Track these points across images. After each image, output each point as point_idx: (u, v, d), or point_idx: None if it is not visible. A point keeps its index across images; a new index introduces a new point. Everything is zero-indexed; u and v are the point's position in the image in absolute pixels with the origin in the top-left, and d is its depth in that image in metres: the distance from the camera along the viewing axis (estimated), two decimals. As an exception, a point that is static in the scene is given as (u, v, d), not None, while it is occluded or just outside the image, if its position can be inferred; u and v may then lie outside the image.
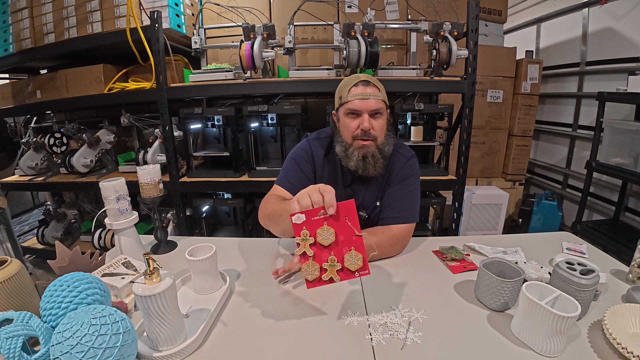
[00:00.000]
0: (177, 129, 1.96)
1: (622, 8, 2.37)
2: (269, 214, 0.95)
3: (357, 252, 0.71)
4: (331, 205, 0.69)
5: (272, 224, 0.95)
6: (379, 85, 1.02)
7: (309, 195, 0.71)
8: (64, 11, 1.89)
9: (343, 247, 0.71)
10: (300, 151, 1.12)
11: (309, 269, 0.70)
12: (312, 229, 0.70)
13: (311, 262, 0.70)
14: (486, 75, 2.54)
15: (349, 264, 0.70)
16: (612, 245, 2.03)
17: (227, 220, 2.46)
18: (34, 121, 2.58)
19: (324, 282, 0.71)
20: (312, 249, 0.70)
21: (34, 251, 2.58)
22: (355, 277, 0.71)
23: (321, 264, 0.71)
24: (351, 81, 1.01)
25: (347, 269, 0.71)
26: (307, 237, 0.70)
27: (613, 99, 2.12)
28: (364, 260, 0.71)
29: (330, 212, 0.69)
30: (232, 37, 2.16)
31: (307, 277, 0.70)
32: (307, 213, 0.70)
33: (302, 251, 0.70)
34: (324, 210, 0.70)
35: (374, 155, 1.01)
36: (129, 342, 0.55)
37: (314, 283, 0.71)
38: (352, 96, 0.99)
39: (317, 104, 2.40)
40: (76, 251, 0.85)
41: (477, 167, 2.74)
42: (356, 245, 0.71)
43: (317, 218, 0.70)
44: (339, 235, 0.71)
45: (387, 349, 0.65)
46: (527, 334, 0.65)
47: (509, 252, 1.01)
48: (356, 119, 1.00)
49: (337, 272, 0.71)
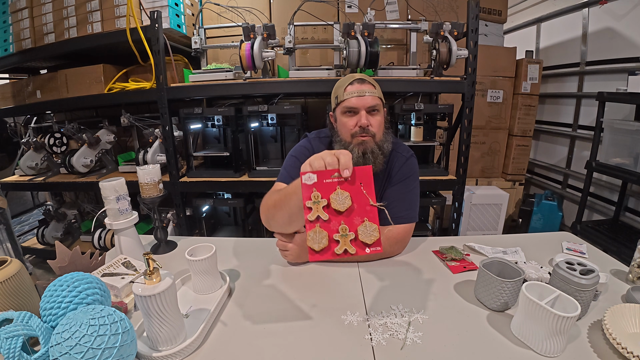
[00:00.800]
0: (177, 129, 1.96)
1: (622, 8, 2.37)
2: (273, 202, 0.90)
3: (371, 223, 0.63)
4: (347, 167, 0.63)
5: (277, 211, 0.88)
6: (374, 83, 1.02)
7: (323, 158, 0.66)
8: (64, 11, 1.89)
9: (355, 216, 0.63)
10: (302, 149, 1.12)
11: (316, 236, 0.62)
12: (325, 192, 0.63)
13: (318, 229, 0.62)
14: (486, 75, 2.54)
15: (363, 236, 0.62)
16: (612, 245, 2.03)
17: (227, 220, 2.46)
18: (34, 121, 2.58)
19: (336, 255, 0.62)
20: (325, 212, 0.62)
21: (34, 251, 2.57)
22: (366, 253, 0.63)
23: (331, 234, 0.62)
24: (346, 80, 1.02)
25: (361, 242, 0.63)
26: (319, 199, 0.62)
27: (613, 99, 2.11)
28: (379, 232, 0.63)
29: (346, 174, 0.62)
30: (232, 37, 2.16)
31: (313, 246, 0.62)
32: (319, 174, 0.63)
33: (315, 216, 0.62)
34: (338, 173, 0.63)
35: (373, 152, 1.01)
36: (128, 342, 0.55)
37: (321, 254, 0.62)
38: (348, 94, 0.99)
39: (317, 104, 2.40)
40: (76, 251, 0.85)
41: (477, 167, 2.74)
42: (369, 215, 0.63)
43: (330, 181, 0.63)
44: (354, 203, 0.63)
45: (387, 349, 0.65)
46: (527, 334, 0.65)
47: (509, 252, 1.01)
48: (353, 116, 1.00)
49: (350, 243, 0.62)
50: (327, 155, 0.66)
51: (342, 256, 0.63)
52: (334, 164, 0.65)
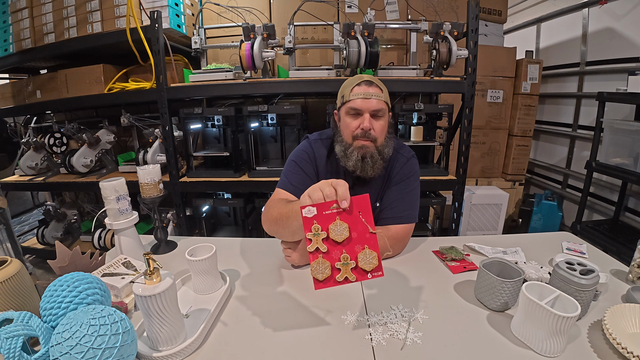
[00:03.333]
0: (177, 129, 1.96)
1: (622, 8, 2.37)
2: (275, 219, 0.90)
3: (371, 250, 0.66)
4: (344, 198, 0.66)
5: (280, 228, 0.90)
6: (382, 86, 1.01)
7: (321, 189, 0.68)
8: (64, 11, 1.89)
9: (356, 244, 0.66)
10: (301, 153, 1.11)
11: (319, 267, 0.65)
12: (324, 224, 0.66)
13: (321, 259, 0.65)
14: (486, 75, 2.54)
15: (363, 263, 0.65)
16: (612, 245, 2.03)
17: (227, 220, 2.46)
18: (34, 121, 2.58)
19: (337, 282, 0.65)
20: (324, 244, 0.65)
21: (34, 251, 2.58)
22: (368, 278, 0.66)
23: (333, 263, 0.65)
24: (354, 80, 1.00)
25: (361, 269, 0.66)
26: (319, 231, 0.65)
27: (613, 99, 2.11)
28: (379, 260, 0.66)
29: (344, 205, 0.65)
30: (232, 37, 2.16)
31: (316, 276, 0.65)
32: (318, 206, 0.66)
33: (314, 247, 0.65)
34: (337, 204, 0.66)
35: (372, 156, 1.00)
36: (128, 342, 0.55)
37: (325, 283, 0.65)
38: (354, 95, 0.98)
39: (317, 104, 2.40)
40: (76, 251, 0.85)
41: (477, 167, 2.74)
42: (370, 243, 0.66)
43: (329, 212, 0.66)
44: (352, 232, 0.66)
45: (387, 349, 0.65)
46: (527, 334, 0.65)
47: (509, 252, 1.01)
48: (357, 118, 1.00)
49: (351, 271, 0.65)
50: (325, 187, 0.69)
51: (343, 283, 0.65)
52: (332, 195, 0.67)
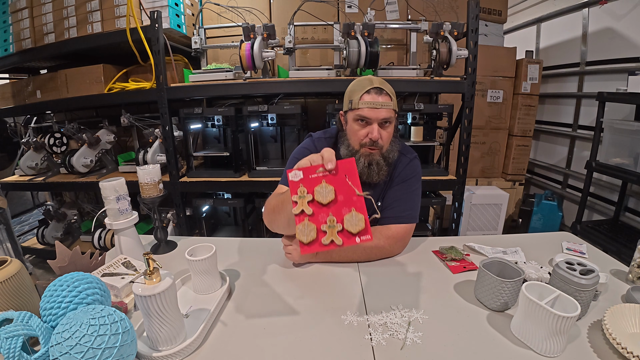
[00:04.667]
0: (177, 129, 1.96)
1: (622, 8, 2.37)
2: (272, 207, 0.93)
3: (357, 212, 0.65)
4: (330, 160, 0.66)
5: (276, 215, 0.92)
6: (392, 92, 0.99)
7: (308, 158, 0.70)
8: (64, 11, 1.89)
9: (343, 207, 0.66)
10: (305, 150, 1.11)
11: (305, 229, 0.64)
12: (310, 186, 0.66)
13: (307, 222, 0.64)
14: (486, 75, 2.54)
15: (349, 225, 0.64)
16: (612, 245, 2.03)
17: (227, 220, 2.46)
18: (34, 121, 2.58)
19: (323, 246, 0.64)
20: (310, 206, 0.65)
21: (34, 251, 2.57)
22: (356, 242, 0.64)
23: (319, 225, 0.65)
24: (364, 85, 0.98)
25: (348, 231, 0.64)
26: (304, 194, 0.66)
27: (613, 99, 2.11)
28: (366, 222, 0.65)
29: (329, 167, 0.66)
30: (232, 37, 2.16)
31: (301, 239, 0.64)
32: (304, 170, 0.67)
33: (299, 209, 0.65)
34: (323, 168, 0.67)
35: (378, 163, 1.01)
36: (128, 342, 0.55)
37: (310, 246, 0.64)
38: (364, 104, 0.96)
39: (317, 104, 2.40)
40: (76, 251, 0.85)
41: (477, 167, 2.74)
42: (357, 206, 0.65)
43: (316, 176, 0.66)
44: (339, 195, 0.66)
45: (387, 349, 0.65)
46: (527, 334, 0.65)
47: (509, 252, 1.01)
48: (365, 126, 0.99)
49: (337, 234, 0.64)
50: (313, 156, 0.71)
51: (329, 247, 0.64)
52: (319, 160, 0.68)
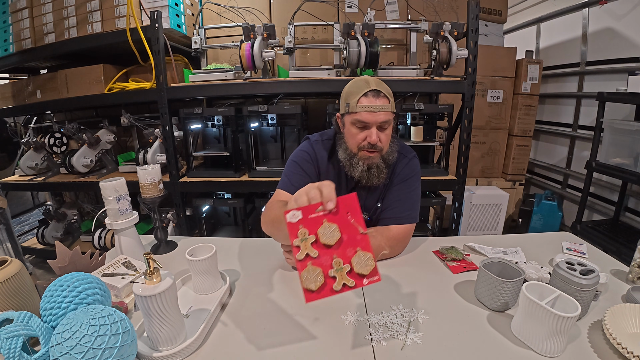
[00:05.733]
0: (177, 129, 1.96)
1: (622, 8, 2.37)
2: (271, 221, 0.90)
3: (364, 252, 0.61)
4: (330, 199, 0.61)
5: (275, 230, 0.90)
6: (389, 94, 0.97)
7: (306, 193, 0.64)
8: (64, 11, 1.89)
9: (347, 247, 0.61)
10: (303, 153, 1.09)
11: (310, 275, 0.58)
12: (312, 228, 0.61)
13: (311, 267, 0.58)
14: (486, 75, 2.54)
15: (359, 267, 0.60)
16: (612, 245, 2.03)
17: (227, 220, 2.46)
18: (34, 121, 2.59)
19: (334, 291, 0.58)
20: (314, 248, 0.60)
21: (34, 251, 2.58)
22: (364, 284, 0.60)
23: (325, 270, 0.59)
24: (361, 87, 0.95)
25: (357, 274, 0.60)
26: (306, 235, 0.60)
27: (613, 99, 2.11)
28: (375, 260, 0.62)
29: (329, 207, 0.60)
30: (232, 37, 2.16)
31: (308, 287, 0.58)
32: (303, 210, 0.61)
33: (304, 254, 0.59)
34: (323, 206, 0.61)
35: (378, 166, 1.00)
36: (128, 343, 0.55)
37: (318, 293, 0.58)
38: (361, 107, 0.93)
39: (317, 104, 2.40)
40: (76, 251, 0.85)
41: (477, 167, 2.74)
42: (362, 245, 0.61)
43: (316, 215, 0.61)
44: (342, 235, 0.61)
45: (387, 349, 0.65)
46: (527, 334, 0.65)
47: (509, 252, 1.01)
48: (363, 130, 0.97)
49: (347, 276, 0.60)
50: (310, 190, 0.65)
51: (342, 291, 0.59)
52: (317, 197, 0.62)
